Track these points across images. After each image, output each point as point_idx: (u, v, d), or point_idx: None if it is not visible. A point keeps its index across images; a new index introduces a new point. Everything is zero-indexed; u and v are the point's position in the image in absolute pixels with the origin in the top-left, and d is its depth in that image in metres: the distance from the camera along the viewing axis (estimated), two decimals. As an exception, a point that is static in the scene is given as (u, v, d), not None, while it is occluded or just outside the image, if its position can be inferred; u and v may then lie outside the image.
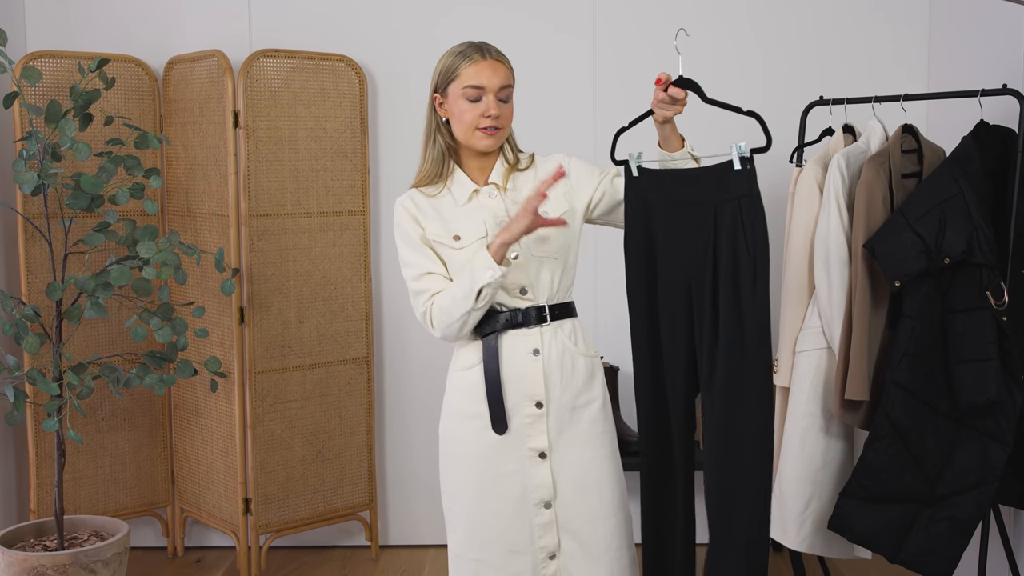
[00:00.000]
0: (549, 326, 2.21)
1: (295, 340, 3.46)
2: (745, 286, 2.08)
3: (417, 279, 2.21)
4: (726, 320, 2.10)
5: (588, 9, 3.64)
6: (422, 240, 2.22)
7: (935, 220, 2.39)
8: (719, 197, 2.12)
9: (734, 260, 2.09)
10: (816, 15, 3.61)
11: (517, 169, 2.27)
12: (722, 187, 2.12)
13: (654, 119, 2.18)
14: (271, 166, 3.37)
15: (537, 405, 2.19)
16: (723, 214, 2.12)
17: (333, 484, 3.57)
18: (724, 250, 2.11)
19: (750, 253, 2.08)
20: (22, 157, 2.98)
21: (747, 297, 2.08)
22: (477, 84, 2.15)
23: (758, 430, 2.13)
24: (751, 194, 2.09)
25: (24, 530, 3.13)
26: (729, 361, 2.10)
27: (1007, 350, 2.36)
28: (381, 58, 3.64)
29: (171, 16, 3.65)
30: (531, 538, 2.21)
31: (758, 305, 2.09)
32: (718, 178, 2.13)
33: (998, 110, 2.71)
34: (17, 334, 2.95)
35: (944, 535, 2.43)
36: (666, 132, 2.19)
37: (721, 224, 2.12)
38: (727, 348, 2.11)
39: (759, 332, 2.09)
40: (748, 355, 2.10)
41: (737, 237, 2.09)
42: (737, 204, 2.10)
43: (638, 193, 2.23)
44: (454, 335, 2.18)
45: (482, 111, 2.15)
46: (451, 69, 2.18)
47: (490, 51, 2.19)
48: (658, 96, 2.12)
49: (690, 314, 2.19)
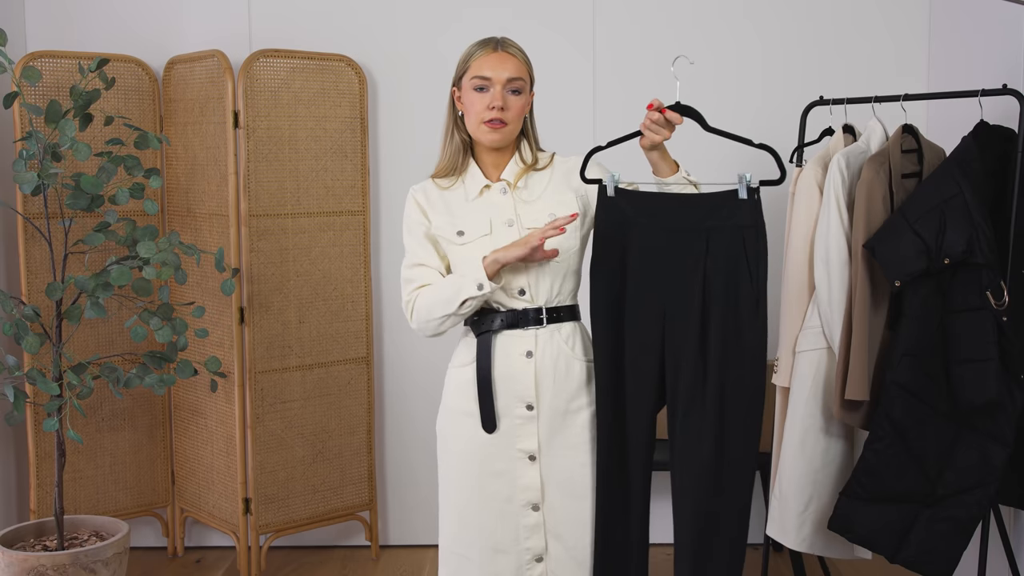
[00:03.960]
0: (545, 328, 2.20)
1: (295, 340, 3.46)
2: (745, 318, 2.07)
3: (410, 267, 2.23)
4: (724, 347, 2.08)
5: (588, 9, 3.64)
6: (426, 235, 2.22)
7: (935, 220, 2.39)
8: (715, 224, 2.09)
9: (736, 291, 2.07)
10: (816, 15, 3.61)
11: (534, 168, 2.25)
12: (721, 215, 2.09)
13: (640, 144, 2.13)
14: (271, 166, 3.37)
15: (528, 407, 2.19)
16: (718, 241, 2.08)
17: (333, 484, 3.57)
18: (719, 278, 2.08)
19: (753, 284, 2.06)
20: (22, 157, 2.98)
21: (748, 329, 2.07)
22: (483, 75, 2.15)
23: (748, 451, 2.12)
24: (756, 225, 2.07)
25: (24, 530, 3.13)
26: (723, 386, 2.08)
27: (1007, 350, 2.36)
28: (381, 58, 3.65)
29: (171, 16, 3.65)
30: (517, 539, 2.21)
31: (758, 338, 2.08)
32: (716, 205, 2.10)
33: (998, 110, 2.71)
34: (17, 334, 2.95)
35: (944, 535, 2.43)
36: (654, 159, 2.15)
37: (715, 251, 2.08)
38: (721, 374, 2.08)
39: (757, 361, 2.09)
40: (745, 381, 2.09)
41: (739, 267, 2.07)
42: (740, 233, 2.07)
43: (612, 215, 2.16)
44: (430, 332, 2.19)
45: (488, 102, 2.15)
46: (464, 61, 2.19)
47: (503, 44, 2.18)
48: (651, 117, 2.08)
49: (661, 339, 2.14)
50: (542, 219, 2.19)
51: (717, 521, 2.12)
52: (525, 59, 2.20)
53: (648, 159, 2.17)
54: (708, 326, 2.09)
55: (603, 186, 2.17)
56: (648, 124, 2.09)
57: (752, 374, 2.09)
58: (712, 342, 2.09)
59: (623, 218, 2.16)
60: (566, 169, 2.26)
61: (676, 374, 2.13)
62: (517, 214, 2.20)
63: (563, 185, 2.24)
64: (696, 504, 2.13)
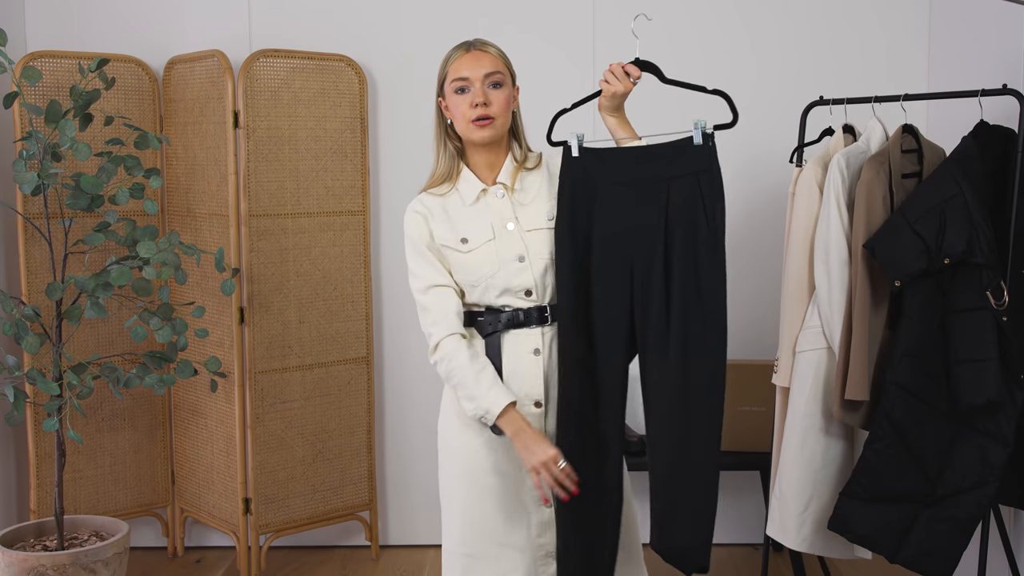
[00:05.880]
0: (551, 326, 2.21)
1: (295, 340, 3.46)
2: (704, 260, 2.07)
3: (424, 292, 2.19)
4: (683, 290, 2.08)
5: (588, 9, 3.64)
6: (428, 247, 2.21)
7: (935, 220, 2.39)
8: (673, 173, 2.10)
9: (693, 235, 2.08)
10: (816, 15, 3.61)
11: (525, 168, 2.26)
12: (678, 163, 2.10)
13: (600, 102, 2.17)
14: (271, 166, 3.37)
15: (536, 404, 2.19)
16: (678, 190, 2.10)
17: (333, 484, 3.57)
18: (680, 225, 2.09)
19: (710, 227, 2.07)
20: (22, 157, 2.98)
21: (706, 271, 2.07)
22: (462, 76, 2.16)
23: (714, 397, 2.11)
24: (711, 169, 2.08)
25: (24, 530, 3.13)
26: (686, 334, 2.08)
27: (1007, 350, 2.36)
28: (381, 58, 3.65)
29: (171, 16, 3.65)
30: (529, 536, 2.21)
31: (717, 279, 2.08)
32: (674, 154, 2.12)
33: (998, 110, 2.71)
34: (17, 334, 2.95)
35: (944, 535, 2.43)
36: (612, 125, 2.19)
37: (675, 200, 2.10)
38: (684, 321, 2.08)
39: (717, 305, 2.08)
40: (707, 328, 2.08)
41: (696, 211, 2.08)
42: (696, 179, 2.08)
43: (574, 174, 2.19)
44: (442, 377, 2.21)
45: (471, 100, 2.15)
46: (442, 68, 2.21)
47: (474, 44, 2.20)
48: (610, 68, 2.13)
49: (630, 290, 2.15)
50: (540, 220, 2.20)
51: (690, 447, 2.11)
52: (500, 54, 2.21)
53: (607, 125, 2.21)
54: (671, 272, 2.10)
55: (567, 147, 2.21)
56: (606, 75, 2.14)
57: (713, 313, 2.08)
58: (675, 290, 2.09)
59: (586, 176, 2.18)
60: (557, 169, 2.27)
61: (644, 324, 2.14)
62: (516, 216, 2.21)
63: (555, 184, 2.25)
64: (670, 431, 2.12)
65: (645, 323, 2.13)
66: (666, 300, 2.10)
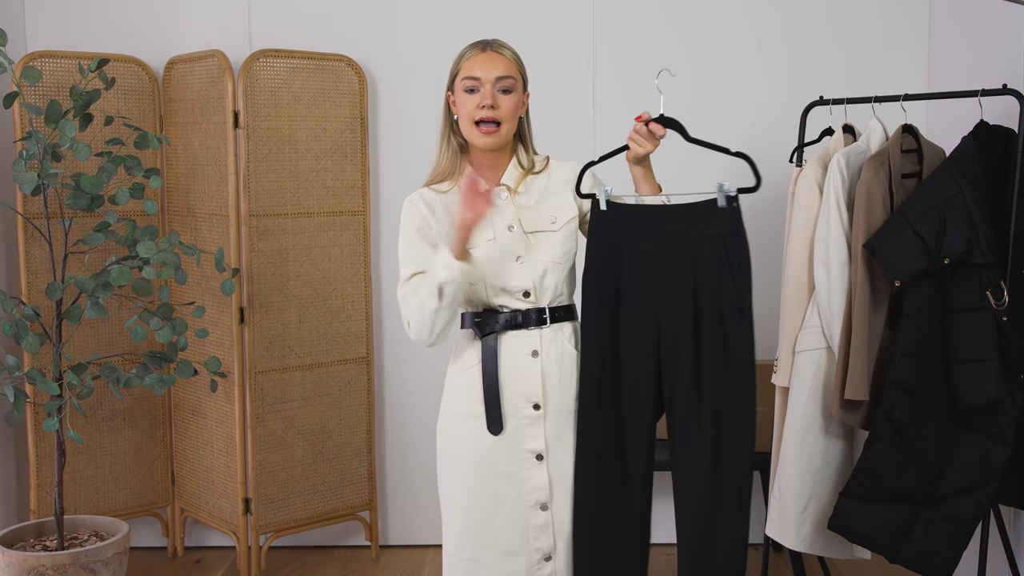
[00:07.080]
0: (549, 328, 2.21)
1: (295, 340, 3.46)
2: (731, 324, 2.08)
3: (408, 280, 2.18)
4: (712, 356, 2.09)
5: (588, 10, 3.64)
6: (424, 233, 2.19)
7: (935, 220, 2.39)
8: (699, 234, 2.10)
9: (719, 298, 2.08)
10: (816, 15, 3.61)
11: (532, 173, 2.25)
12: (703, 224, 2.10)
13: (627, 157, 2.15)
14: (271, 166, 3.37)
15: (535, 407, 2.19)
16: (704, 251, 2.10)
17: (333, 484, 3.57)
18: (707, 287, 2.09)
19: (736, 291, 2.08)
20: (22, 157, 2.98)
21: (734, 334, 2.08)
22: (473, 75, 2.15)
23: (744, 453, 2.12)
24: (737, 232, 2.09)
25: (24, 530, 3.13)
26: (715, 394, 2.09)
27: (1007, 350, 2.36)
28: (381, 58, 3.65)
29: (171, 16, 3.65)
30: (526, 539, 2.21)
31: (745, 342, 2.08)
32: (699, 215, 2.12)
33: (998, 110, 2.71)
34: (17, 334, 2.95)
35: (944, 535, 2.43)
36: (638, 176, 2.17)
37: (702, 261, 2.10)
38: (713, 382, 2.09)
39: (746, 367, 2.09)
40: (735, 387, 2.09)
41: (722, 274, 2.08)
42: (722, 242, 2.09)
43: (604, 227, 2.18)
44: (427, 336, 2.12)
45: (478, 101, 2.15)
46: (455, 64, 2.20)
47: (491, 44, 2.19)
48: (636, 129, 2.11)
49: (657, 349, 2.15)
50: (543, 223, 2.20)
51: (716, 525, 2.13)
52: (516, 58, 2.20)
53: (632, 175, 2.19)
54: (700, 335, 2.10)
55: (596, 200, 2.19)
56: (633, 136, 2.12)
57: (741, 382, 2.09)
58: (704, 351, 2.10)
59: (614, 230, 2.18)
60: (562, 173, 2.26)
61: (673, 383, 2.14)
62: (517, 219, 2.20)
63: (559, 188, 2.25)
64: (697, 508, 2.13)
65: (674, 388, 2.14)
66: (696, 363, 2.11)
